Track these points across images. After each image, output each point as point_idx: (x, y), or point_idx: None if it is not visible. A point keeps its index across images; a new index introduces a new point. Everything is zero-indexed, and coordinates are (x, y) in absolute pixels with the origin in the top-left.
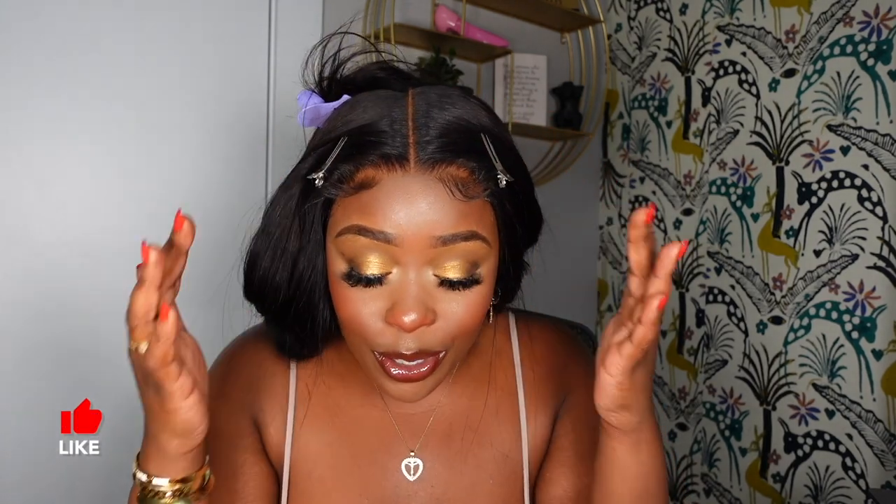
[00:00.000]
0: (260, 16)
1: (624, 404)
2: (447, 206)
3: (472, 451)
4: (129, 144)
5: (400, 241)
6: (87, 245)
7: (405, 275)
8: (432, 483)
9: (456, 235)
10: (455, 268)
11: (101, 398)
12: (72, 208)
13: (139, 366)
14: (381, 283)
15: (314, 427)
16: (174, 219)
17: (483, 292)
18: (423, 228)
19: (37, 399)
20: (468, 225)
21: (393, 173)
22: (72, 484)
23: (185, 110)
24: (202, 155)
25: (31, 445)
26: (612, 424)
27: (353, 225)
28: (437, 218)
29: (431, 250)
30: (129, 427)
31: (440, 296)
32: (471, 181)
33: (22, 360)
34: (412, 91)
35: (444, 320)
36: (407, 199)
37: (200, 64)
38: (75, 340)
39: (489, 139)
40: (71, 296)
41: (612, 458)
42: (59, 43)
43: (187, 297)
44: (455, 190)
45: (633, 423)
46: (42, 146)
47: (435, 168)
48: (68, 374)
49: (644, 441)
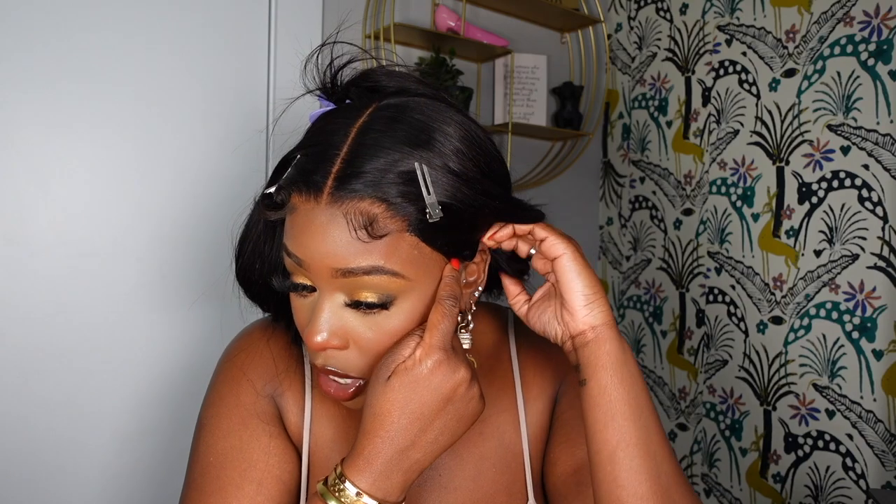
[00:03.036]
0: (260, 16)
1: (592, 293)
2: (345, 242)
3: (475, 441)
4: (129, 144)
5: (307, 266)
6: (88, 245)
7: (320, 296)
8: (440, 472)
9: (355, 269)
10: (366, 296)
11: (101, 398)
12: (72, 208)
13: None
14: (310, 293)
15: (329, 414)
16: None
17: (394, 319)
18: (325, 260)
19: (36, 399)
20: (371, 260)
21: (307, 203)
22: (73, 483)
23: (185, 110)
24: (202, 154)
25: (31, 445)
26: (597, 322)
27: (283, 244)
28: (335, 251)
29: (338, 280)
30: (129, 426)
31: (353, 322)
32: (384, 217)
33: (21, 360)
34: (367, 113)
35: (357, 347)
36: (312, 229)
37: (200, 63)
38: (75, 340)
39: (434, 168)
40: (71, 295)
41: (606, 364)
42: (59, 42)
43: (185, 293)
44: (357, 228)
45: (610, 313)
46: (42, 146)
47: (343, 203)
48: (68, 373)
49: (626, 344)
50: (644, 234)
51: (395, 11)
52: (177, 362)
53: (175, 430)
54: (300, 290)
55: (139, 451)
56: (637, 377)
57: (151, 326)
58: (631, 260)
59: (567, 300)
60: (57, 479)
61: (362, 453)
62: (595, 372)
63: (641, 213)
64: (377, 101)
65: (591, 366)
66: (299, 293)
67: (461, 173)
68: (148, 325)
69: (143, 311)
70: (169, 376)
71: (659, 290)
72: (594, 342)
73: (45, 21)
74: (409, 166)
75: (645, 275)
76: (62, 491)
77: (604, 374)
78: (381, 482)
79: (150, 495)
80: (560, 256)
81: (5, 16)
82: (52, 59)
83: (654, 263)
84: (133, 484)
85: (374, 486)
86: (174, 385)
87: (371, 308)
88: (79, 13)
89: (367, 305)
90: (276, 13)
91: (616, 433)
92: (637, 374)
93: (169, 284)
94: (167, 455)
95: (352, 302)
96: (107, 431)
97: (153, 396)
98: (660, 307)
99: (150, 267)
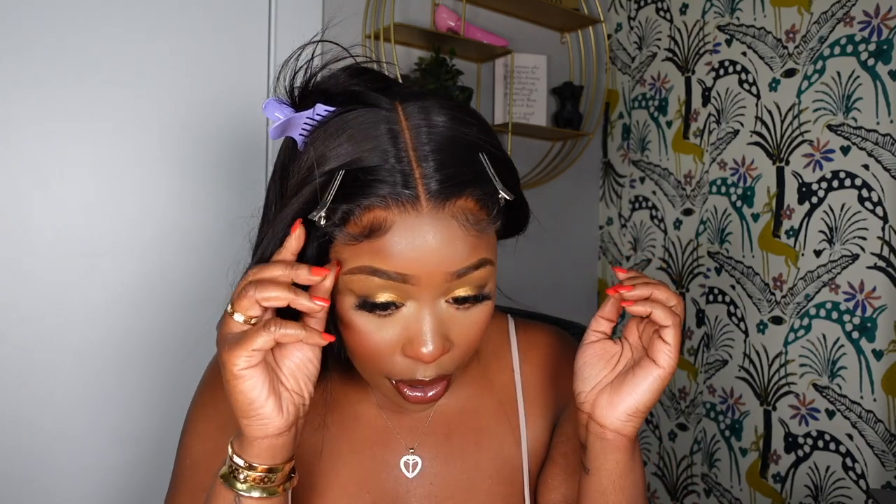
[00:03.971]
0: (260, 16)
1: (643, 411)
2: (460, 242)
3: (470, 451)
4: (129, 143)
5: (416, 280)
6: (88, 245)
7: (420, 308)
8: (431, 480)
9: (469, 267)
10: (465, 290)
11: (100, 398)
12: (72, 208)
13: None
14: (397, 308)
15: (313, 423)
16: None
17: (490, 306)
18: (439, 266)
19: (36, 399)
20: (479, 254)
21: (405, 215)
22: (73, 483)
23: (185, 109)
24: (202, 154)
25: (31, 445)
26: (624, 433)
27: (366, 266)
28: (451, 255)
29: (446, 283)
30: (129, 426)
31: (452, 319)
32: (478, 210)
33: (21, 360)
34: (402, 113)
35: (458, 345)
36: (421, 240)
37: (200, 63)
38: (75, 340)
39: (485, 156)
40: (71, 295)
41: (613, 470)
42: (59, 43)
43: (185, 293)
44: (468, 225)
45: (634, 433)
46: (42, 146)
47: (446, 205)
48: (68, 373)
49: (637, 446)
50: (644, 234)
51: (395, 11)
52: (177, 362)
53: (174, 431)
54: (388, 308)
55: (139, 451)
56: (639, 483)
57: (151, 326)
58: (631, 260)
59: (621, 394)
60: (57, 479)
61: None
62: (598, 471)
63: (641, 213)
64: (396, 100)
65: (597, 463)
66: (379, 313)
67: (505, 159)
68: (148, 325)
69: (143, 311)
70: (169, 376)
71: None
72: (608, 444)
73: (45, 21)
74: (473, 154)
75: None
76: (62, 490)
77: (607, 478)
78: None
79: (149, 494)
80: (658, 368)
81: (5, 16)
82: (52, 60)
83: (654, 263)
84: (133, 483)
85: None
86: (174, 386)
87: (478, 301)
88: (79, 13)
89: (473, 299)
90: (275, 13)
91: None
92: (640, 479)
93: (169, 284)
94: (166, 455)
95: (456, 299)
96: (107, 431)
97: (153, 397)
98: None
99: (150, 267)
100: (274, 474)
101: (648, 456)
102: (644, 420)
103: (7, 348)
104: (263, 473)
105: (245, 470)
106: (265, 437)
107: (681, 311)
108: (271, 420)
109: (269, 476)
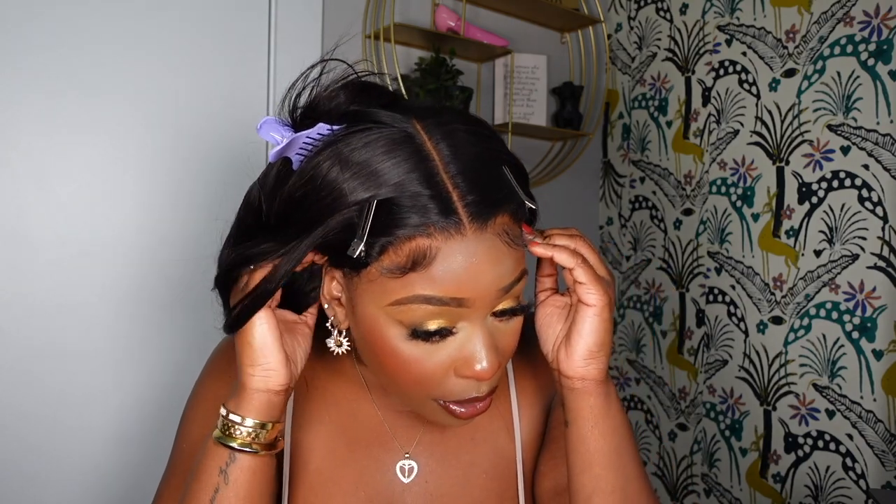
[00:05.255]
0: (260, 16)
1: (597, 350)
2: (506, 259)
3: (466, 447)
4: (129, 143)
5: (471, 302)
6: (88, 245)
7: (473, 328)
8: (426, 479)
9: (514, 281)
10: (508, 303)
11: (101, 397)
12: (72, 208)
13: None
14: (452, 333)
15: (311, 419)
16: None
17: (521, 314)
18: (492, 286)
19: (36, 398)
20: (521, 265)
21: (450, 241)
22: (73, 482)
23: (185, 110)
24: (201, 155)
25: (31, 444)
26: (589, 377)
27: (418, 295)
28: (501, 273)
29: (495, 301)
30: (130, 425)
31: (497, 332)
32: (513, 224)
33: (21, 360)
34: (423, 132)
35: (504, 356)
36: (472, 262)
37: (200, 64)
38: (74, 340)
39: (507, 169)
40: (70, 295)
41: (588, 416)
42: (59, 42)
43: (186, 293)
44: (509, 240)
45: (605, 370)
46: (41, 145)
47: (488, 225)
48: (67, 373)
49: (611, 391)
50: (644, 234)
51: (394, 11)
52: (177, 362)
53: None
54: (442, 335)
55: (139, 450)
56: (619, 427)
57: (151, 326)
58: (631, 260)
59: (571, 342)
60: (57, 478)
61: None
62: (576, 419)
63: (641, 213)
64: (412, 117)
65: (573, 412)
66: (435, 340)
67: (522, 167)
68: (148, 324)
69: (143, 310)
70: (169, 376)
71: (659, 290)
72: (579, 392)
73: (46, 23)
74: (499, 168)
75: (645, 275)
76: (63, 489)
77: (584, 424)
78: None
79: (150, 493)
80: (588, 307)
81: (6, 17)
82: (52, 61)
83: (654, 263)
84: (133, 482)
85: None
86: (174, 384)
87: (515, 313)
88: (79, 15)
89: (512, 311)
90: (276, 15)
91: (592, 480)
92: (620, 423)
93: (169, 284)
94: (164, 452)
95: (500, 312)
96: (107, 430)
97: (153, 395)
98: (660, 307)
99: (150, 267)
100: (265, 431)
101: (648, 456)
102: (608, 361)
103: (7, 348)
104: (257, 430)
105: (239, 426)
106: (266, 390)
107: (585, 249)
108: (276, 371)
109: (261, 432)
